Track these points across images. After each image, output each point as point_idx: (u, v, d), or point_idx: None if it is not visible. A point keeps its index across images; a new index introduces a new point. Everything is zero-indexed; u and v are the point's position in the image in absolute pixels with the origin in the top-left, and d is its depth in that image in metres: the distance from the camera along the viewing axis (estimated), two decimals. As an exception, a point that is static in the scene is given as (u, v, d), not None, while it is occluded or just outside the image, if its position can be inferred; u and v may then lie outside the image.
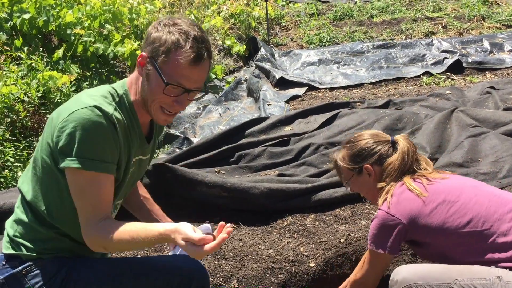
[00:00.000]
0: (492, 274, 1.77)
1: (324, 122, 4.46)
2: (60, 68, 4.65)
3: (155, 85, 1.60)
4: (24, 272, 1.62)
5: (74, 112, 1.52)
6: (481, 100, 4.77)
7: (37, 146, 1.70)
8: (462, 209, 1.87)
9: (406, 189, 1.98)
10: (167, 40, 1.56)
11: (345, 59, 6.55)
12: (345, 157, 2.19)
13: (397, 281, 1.88)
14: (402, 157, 2.07)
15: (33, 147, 3.75)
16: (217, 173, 3.67)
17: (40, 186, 1.65)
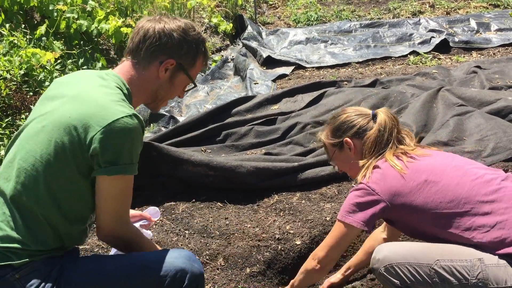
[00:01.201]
0: (473, 255, 1.75)
1: (311, 101, 4.45)
2: (43, 45, 4.56)
3: (179, 85, 1.83)
4: (17, 276, 1.56)
5: (116, 122, 1.55)
6: (467, 79, 4.79)
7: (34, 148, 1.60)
8: (443, 190, 1.83)
9: (387, 165, 1.94)
10: (194, 49, 1.80)
11: (333, 38, 6.51)
12: (328, 133, 2.17)
13: (379, 260, 1.86)
14: (379, 129, 2.01)
15: (16, 125, 3.69)
16: (203, 152, 3.66)
17: (46, 186, 1.59)
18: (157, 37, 1.74)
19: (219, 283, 2.39)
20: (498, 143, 3.47)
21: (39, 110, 1.72)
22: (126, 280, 1.63)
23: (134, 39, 1.77)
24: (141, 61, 1.76)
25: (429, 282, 1.77)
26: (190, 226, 2.84)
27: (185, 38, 1.77)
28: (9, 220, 1.59)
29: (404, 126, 2.22)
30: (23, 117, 3.75)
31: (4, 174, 1.65)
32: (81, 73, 1.85)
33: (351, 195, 1.95)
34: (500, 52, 6.08)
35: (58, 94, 1.73)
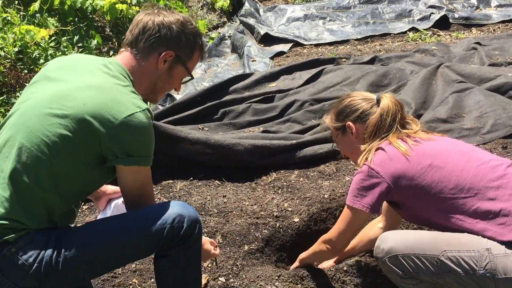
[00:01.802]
0: (480, 245, 1.71)
1: (309, 78, 4.41)
2: (37, 22, 4.49)
3: (177, 76, 1.87)
4: (14, 250, 1.56)
5: (131, 116, 1.60)
6: (466, 56, 4.75)
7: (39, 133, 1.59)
8: (448, 175, 1.80)
9: (392, 147, 1.90)
10: (192, 42, 1.84)
11: (331, 14, 6.43)
12: (332, 116, 2.16)
13: (383, 250, 1.82)
14: (381, 114, 1.99)
15: (11, 103, 3.66)
16: (200, 130, 3.63)
17: (49, 168, 1.59)
18: (156, 29, 1.78)
19: (217, 260, 2.39)
20: (498, 120, 3.45)
21: (39, 89, 1.70)
22: (127, 234, 1.64)
23: (133, 31, 1.80)
24: (140, 53, 1.79)
25: (434, 273, 1.74)
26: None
27: (183, 31, 1.81)
28: (3, 200, 1.57)
29: (407, 106, 2.18)
30: (17, 95, 3.71)
31: (3, 152, 1.62)
32: (83, 58, 1.83)
33: (355, 179, 1.93)
34: (500, 28, 6.02)
35: (60, 76, 1.71)
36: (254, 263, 2.41)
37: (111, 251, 1.65)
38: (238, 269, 2.35)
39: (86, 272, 1.67)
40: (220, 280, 2.29)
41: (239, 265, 2.38)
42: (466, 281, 1.72)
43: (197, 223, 1.72)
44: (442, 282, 1.77)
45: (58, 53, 4.34)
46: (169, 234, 1.66)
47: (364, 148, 2.00)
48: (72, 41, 4.64)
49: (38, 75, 1.79)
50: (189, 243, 1.71)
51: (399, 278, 1.82)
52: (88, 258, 1.62)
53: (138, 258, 1.81)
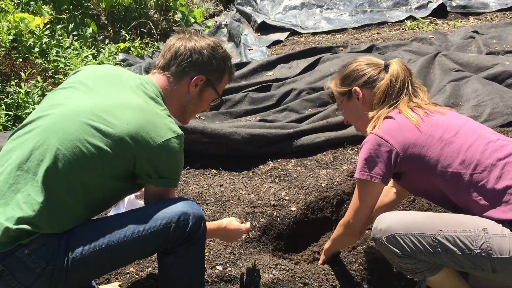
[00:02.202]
0: (477, 225, 1.71)
1: (306, 67, 4.39)
2: (31, 10, 4.44)
3: (207, 99, 1.95)
4: (27, 252, 1.56)
5: (168, 141, 1.67)
6: (464, 44, 4.73)
7: (71, 142, 1.61)
8: (457, 150, 1.79)
9: (402, 116, 1.86)
10: (222, 65, 1.92)
11: (328, 3, 6.39)
12: (337, 81, 2.09)
13: (381, 230, 1.82)
14: (390, 80, 1.94)
15: (6, 92, 3.62)
16: (197, 119, 3.61)
17: (81, 177, 1.62)
18: (188, 54, 1.85)
19: (214, 249, 2.39)
20: (495, 109, 3.45)
21: (76, 96, 1.71)
22: (134, 234, 1.66)
23: (166, 56, 1.87)
24: (173, 76, 1.86)
25: (431, 252, 1.75)
26: (185, 193, 2.83)
27: (214, 55, 1.89)
28: (33, 203, 1.57)
29: (416, 80, 2.13)
30: (12, 84, 3.67)
31: (36, 155, 1.61)
32: (121, 72, 1.85)
33: (363, 149, 1.88)
34: (497, 17, 5.99)
35: (99, 88, 1.74)
36: (251, 251, 2.41)
37: (118, 252, 1.66)
38: (235, 258, 2.35)
39: (94, 272, 1.70)
40: (218, 268, 2.29)
41: (237, 254, 2.38)
42: (462, 261, 1.73)
43: (201, 220, 1.75)
44: (439, 261, 1.78)
45: (53, 41, 4.30)
46: (175, 233, 1.69)
47: (372, 115, 1.96)
48: (67, 29, 4.59)
49: (73, 79, 1.80)
50: (195, 240, 1.74)
51: (397, 258, 1.82)
52: (95, 258, 1.63)
53: (145, 257, 1.85)
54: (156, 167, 1.68)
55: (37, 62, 3.98)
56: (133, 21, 5.22)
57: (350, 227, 2.02)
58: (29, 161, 1.60)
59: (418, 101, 1.94)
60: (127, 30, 5.10)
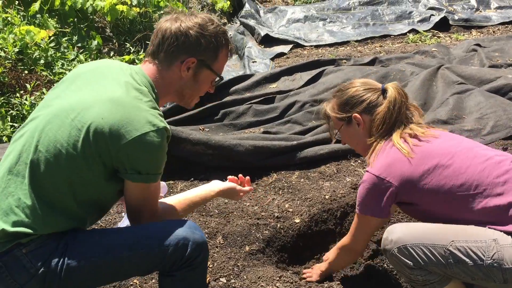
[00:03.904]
0: (488, 236, 1.72)
1: (310, 79, 4.41)
2: (37, 23, 4.49)
3: (204, 81, 1.82)
4: (24, 251, 1.56)
5: (144, 135, 1.58)
6: (466, 57, 4.75)
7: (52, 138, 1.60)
8: (455, 173, 1.79)
9: (395, 149, 1.88)
10: (214, 42, 1.77)
11: (331, 16, 6.44)
12: (334, 106, 2.09)
13: (392, 241, 1.82)
14: (388, 107, 1.95)
15: (11, 104, 3.65)
16: (201, 130, 3.63)
17: (67, 178, 1.60)
18: (174, 37, 1.74)
19: (218, 260, 2.39)
20: (498, 121, 3.45)
21: (64, 95, 1.70)
22: (130, 251, 1.64)
23: (154, 42, 1.78)
24: (162, 63, 1.77)
25: (443, 263, 1.74)
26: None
27: (202, 34, 1.75)
28: (24, 206, 1.58)
29: (413, 101, 2.15)
30: (18, 95, 3.70)
31: (23, 158, 1.62)
32: (113, 65, 1.81)
33: (362, 188, 1.92)
34: (500, 30, 6.03)
35: (85, 84, 1.71)
36: (255, 263, 2.41)
37: (114, 266, 1.65)
38: (239, 270, 2.35)
39: (87, 282, 1.67)
40: (221, 280, 2.28)
41: (240, 266, 2.37)
42: (474, 271, 1.73)
43: (201, 247, 1.70)
44: (450, 272, 1.77)
45: (58, 54, 4.34)
46: (172, 256, 1.66)
47: (370, 142, 1.98)
48: (72, 42, 4.64)
49: (65, 78, 1.80)
50: (194, 265, 1.70)
51: (408, 270, 1.81)
52: (90, 270, 1.62)
53: (140, 275, 1.81)
54: (132, 162, 1.60)
55: (42, 74, 4.02)
56: (138, 33, 5.26)
57: (351, 250, 2.10)
58: (17, 165, 1.61)
59: (412, 126, 1.96)
60: (132, 43, 5.15)
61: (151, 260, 1.66)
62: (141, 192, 1.69)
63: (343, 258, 2.18)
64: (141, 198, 1.70)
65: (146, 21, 5.44)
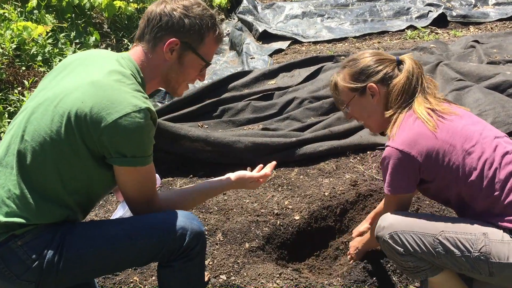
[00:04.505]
0: (478, 229, 1.74)
1: (308, 76, 4.41)
2: (35, 19, 4.46)
3: (191, 66, 1.77)
4: (20, 243, 1.55)
5: (126, 116, 1.54)
6: (465, 54, 4.75)
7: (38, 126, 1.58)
8: (475, 161, 1.76)
9: (419, 123, 1.80)
10: (199, 24, 1.71)
11: (329, 12, 6.42)
12: (346, 76, 1.97)
13: (384, 227, 1.86)
14: (407, 76, 1.86)
15: (9, 100, 3.63)
16: (200, 127, 3.63)
17: (54, 166, 1.58)
18: (157, 18, 1.71)
19: (218, 258, 2.39)
20: (496, 118, 3.45)
21: (49, 85, 1.69)
22: (128, 241, 1.63)
23: (141, 25, 1.76)
24: (147, 45, 1.74)
25: (432, 252, 1.78)
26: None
27: (186, 15, 1.71)
28: (14, 197, 1.57)
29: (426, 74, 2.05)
30: (15, 92, 3.68)
31: (11, 149, 1.61)
32: (99, 54, 1.80)
33: (387, 164, 1.83)
34: (498, 26, 6.02)
35: (70, 72, 1.70)
36: (255, 260, 2.41)
37: (111, 256, 1.64)
38: (239, 267, 2.35)
39: (85, 273, 1.67)
40: (221, 278, 2.29)
41: (240, 263, 2.37)
42: (461, 262, 1.76)
43: (200, 237, 1.70)
44: (438, 262, 1.81)
45: (56, 49, 4.31)
46: (170, 246, 1.66)
47: (389, 115, 1.89)
48: (69, 38, 4.61)
49: (56, 66, 1.79)
50: (192, 255, 1.70)
51: (399, 256, 1.84)
52: (88, 260, 1.61)
53: (138, 265, 1.80)
54: (116, 145, 1.56)
55: (40, 70, 4.00)
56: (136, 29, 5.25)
57: None
58: (7, 156, 1.61)
59: (431, 99, 1.88)
60: (129, 39, 5.13)
61: (149, 250, 1.66)
62: (131, 177, 1.64)
63: None
64: (133, 184, 1.65)
65: (144, 17, 5.42)
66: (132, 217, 1.75)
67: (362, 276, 2.26)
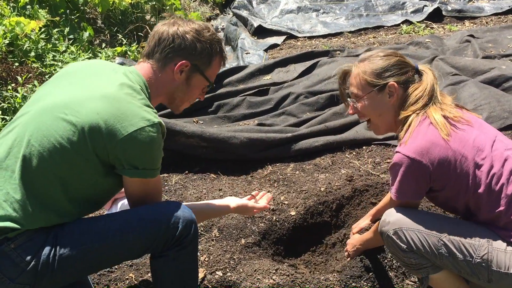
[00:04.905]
0: (483, 236, 1.74)
1: (304, 71, 4.39)
2: (28, 14, 4.42)
3: (196, 86, 1.86)
4: (13, 246, 1.55)
5: (140, 130, 1.59)
6: (460, 48, 4.75)
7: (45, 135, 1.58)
8: (485, 175, 1.75)
9: (432, 127, 1.78)
10: (209, 49, 1.82)
11: (325, 6, 6.41)
12: (367, 70, 1.92)
13: (389, 222, 1.85)
14: (428, 84, 1.86)
15: (3, 96, 3.60)
16: (195, 123, 3.61)
17: (59, 174, 1.59)
18: (170, 39, 1.78)
19: (214, 254, 2.38)
20: (492, 113, 3.46)
21: (55, 91, 1.69)
22: (122, 234, 1.64)
23: (150, 43, 1.81)
24: (157, 64, 1.80)
25: (435, 253, 1.77)
26: (184, 198, 2.82)
27: (198, 39, 1.80)
28: (12, 201, 1.56)
29: None
30: (9, 88, 3.65)
31: (13, 152, 1.60)
32: (105, 65, 1.82)
33: (398, 171, 1.81)
34: (492, 21, 6.03)
35: (78, 80, 1.71)
36: (251, 256, 2.40)
37: (106, 251, 1.64)
38: (235, 263, 2.34)
39: (80, 270, 1.67)
40: (217, 274, 2.28)
41: (236, 259, 2.37)
42: (462, 266, 1.76)
43: (192, 224, 1.72)
44: (440, 263, 1.80)
45: (49, 45, 4.28)
46: (164, 236, 1.67)
47: (404, 116, 1.87)
48: (63, 33, 4.58)
49: (56, 74, 1.80)
50: (185, 243, 1.71)
51: (402, 252, 1.83)
52: (82, 257, 1.61)
53: (133, 258, 1.81)
54: (129, 157, 1.61)
55: (33, 66, 3.96)
56: (130, 25, 5.21)
57: None
58: (7, 159, 1.60)
59: (445, 108, 1.86)
60: (123, 34, 5.09)
61: (144, 241, 1.67)
62: (141, 188, 1.69)
63: (380, 239, 2.03)
64: (141, 194, 1.71)
65: (138, 12, 5.39)
66: (123, 211, 1.76)
67: (358, 271, 2.26)
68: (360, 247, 2.27)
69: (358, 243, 2.27)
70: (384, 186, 2.73)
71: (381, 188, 2.72)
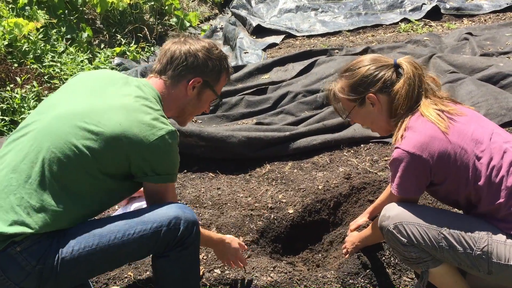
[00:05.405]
0: (482, 228, 1.75)
1: (302, 70, 4.40)
2: (26, 15, 4.43)
3: (206, 100, 1.98)
4: (18, 249, 1.56)
5: (161, 138, 1.68)
6: (458, 46, 4.76)
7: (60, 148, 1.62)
8: (485, 167, 1.75)
9: (429, 123, 1.76)
10: (218, 66, 1.94)
11: (323, 5, 6.42)
12: (344, 87, 1.94)
13: (389, 217, 1.85)
14: (408, 83, 1.82)
15: (2, 97, 3.61)
16: (194, 122, 3.62)
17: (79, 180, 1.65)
18: (183, 57, 1.88)
19: (212, 252, 2.39)
20: (489, 110, 3.46)
21: (71, 98, 1.74)
22: (124, 237, 1.66)
23: (162, 61, 1.90)
24: (170, 80, 1.89)
25: (435, 246, 1.78)
26: (182, 197, 2.83)
27: (209, 57, 1.91)
28: (26, 206, 1.58)
29: (427, 71, 1.99)
30: (8, 89, 3.67)
31: (29, 157, 1.62)
32: (119, 76, 1.88)
33: (397, 167, 1.81)
34: (491, 18, 6.03)
35: (95, 90, 1.77)
36: (249, 254, 2.41)
37: (109, 254, 1.67)
38: (233, 261, 2.35)
39: (84, 273, 1.70)
40: (216, 272, 2.29)
41: (234, 257, 2.38)
42: (462, 259, 1.77)
43: (194, 225, 1.74)
44: (440, 256, 1.81)
45: (48, 46, 4.29)
46: (166, 237, 1.69)
47: (395, 122, 1.87)
48: (62, 34, 4.59)
49: (69, 82, 1.85)
50: (186, 244, 1.74)
51: (402, 246, 1.84)
52: (86, 260, 1.63)
53: (136, 259, 1.85)
54: (151, 164, 1.69)
55: (32, 67, 3.98)
56: (129, 25, 5.22)
57: None
58: (23, 164, 1.62)
59: (436, 99, 1.85)
60: (122, 35, 5.11)
61: (145, 243, 1.69)
62: (161, 192, 1.77)
63: (379, 235, 2.04)
64: (161, 197, 1.78)
65: (137, 13, 5.40)
66: (125, 213, 1.78)
67: (355, 268, 2.27)
68: (359, 244, 2.27)
69: (357, 240, 2.28)
70: (382, 183, 2.74)
71: (379, 185, 2.73)
